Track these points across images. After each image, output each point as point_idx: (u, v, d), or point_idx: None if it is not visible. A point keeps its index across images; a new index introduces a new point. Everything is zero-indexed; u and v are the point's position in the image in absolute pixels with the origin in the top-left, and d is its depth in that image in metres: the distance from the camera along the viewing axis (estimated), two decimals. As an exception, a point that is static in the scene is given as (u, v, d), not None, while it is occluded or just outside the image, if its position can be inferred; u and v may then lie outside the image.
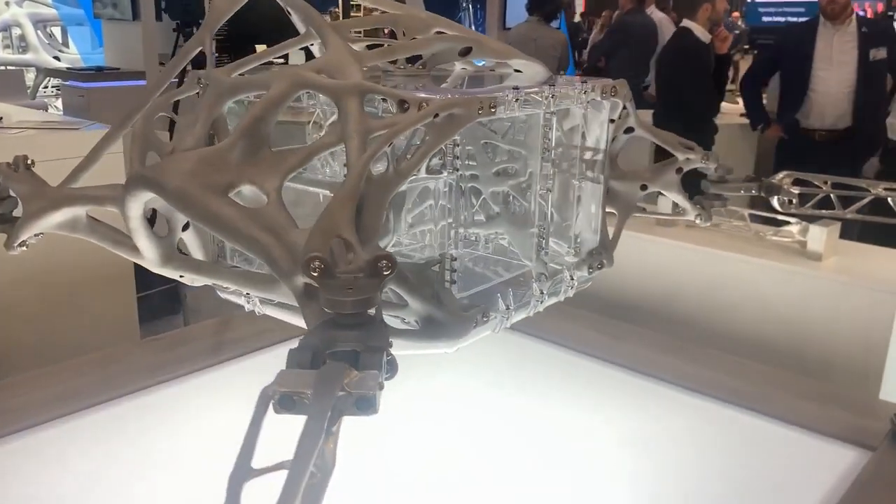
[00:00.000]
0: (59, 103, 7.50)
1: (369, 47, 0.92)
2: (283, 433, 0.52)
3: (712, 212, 1.11)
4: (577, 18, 9.52)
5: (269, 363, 1.49)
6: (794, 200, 1.11)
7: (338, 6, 8.37)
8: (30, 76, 7.98)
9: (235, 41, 5.50)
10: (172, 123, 0.93)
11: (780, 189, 1.10)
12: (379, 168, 0.76)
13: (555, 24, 5.10)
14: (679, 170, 1.08)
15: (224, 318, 1.60)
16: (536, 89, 0.86)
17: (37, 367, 1.42)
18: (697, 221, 1.11)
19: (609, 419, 1.29)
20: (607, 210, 1.04)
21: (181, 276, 0.95)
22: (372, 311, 0.59)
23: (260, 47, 5.59)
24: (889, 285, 1.59)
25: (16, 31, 8.62)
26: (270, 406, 0.49)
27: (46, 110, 6.05)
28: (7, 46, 8.88)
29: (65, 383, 1.33)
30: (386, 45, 0.90)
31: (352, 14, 7.86)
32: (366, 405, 0.49)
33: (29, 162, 0.96)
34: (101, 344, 2.77)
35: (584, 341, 1.53)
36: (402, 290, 0.75)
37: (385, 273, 0.59)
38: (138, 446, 1.20)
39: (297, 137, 1.09)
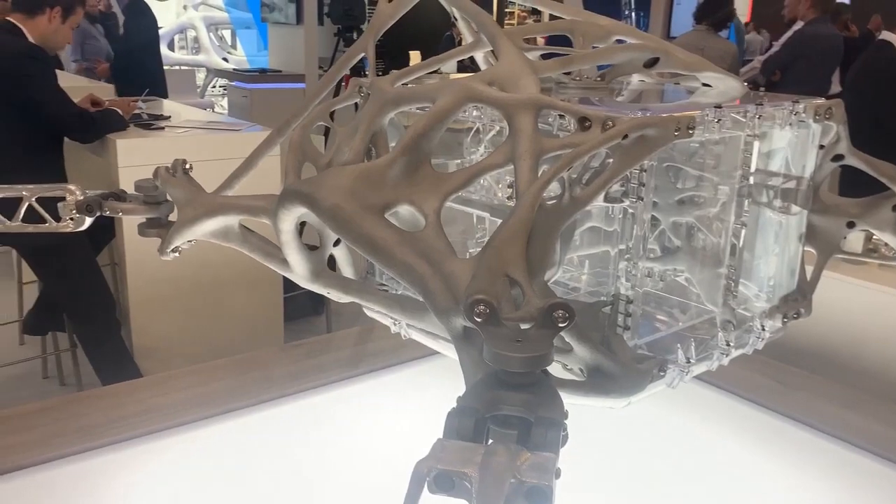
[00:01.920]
0: (224, 102, 7.97)
1: (544, 57, 0.83)
2: None
3: (937, 259, 0.94)
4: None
5: (407, 381, 1.46)
6: None
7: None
8: (200, 76, 8.54)
9: (390, 48, 5.60)
10: (328, 130, 0.88)
11: None
12: (550, 193, 0.66)
13: (723, 33, 4.80)
14: (897, 207, 0.91)
15: (366, 328, 1.57)
16: (741, 108, 0.74)
17: (186, 362, 1.45)
18: (916, 268, 0.94)
19: (774, 476, 1.14)
20: (805, 248, 0.90)
21: (328, 293, 0.90)
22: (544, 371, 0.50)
23: (414, 55, 5.66)
24: None
25: (191, 34, 9.27)
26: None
27: (213, 109, 6.43)
28: (182, 47, 9.56)
29: (207, 385, 1.34)
30: (564, 55, 0.81)
31: (506, 23, 7.83)
32: (539, 498, 0.40)
33: (187, 166, 0.94)
34: (247, 341, 2.87)
35: (751, 387, 1.36)
36: (569, 334, 0.66)
37: (560, 325, 0.50)
38: (269, 455, 1.18)
39: (454, 149, 1.02)
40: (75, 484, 1.08)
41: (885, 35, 3.60)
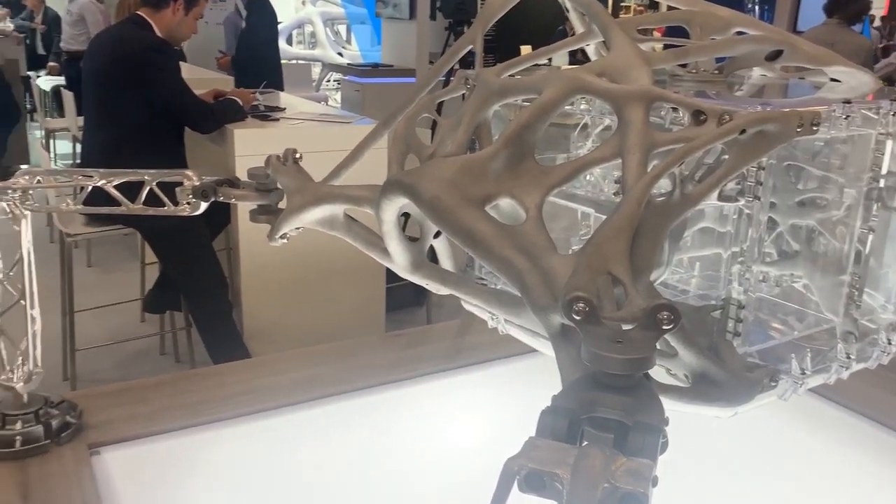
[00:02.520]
0: (338, 96, 8.18)
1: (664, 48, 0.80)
2: None
3: None
4: (876, 23, 8.44)
5: (504, 377, 1.45)
6: None
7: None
8: (315, 70, 8.79)
9: (501, 44, 5.58)
10: (435, 123, 0.88)
11: None
12: (659, 190, 0.64)
13: (857, 27, 4.51)
14: None
15: (465, 321, 1.57)
16: (873, 104, 0.68)
17: (291, 345, 1.49)
18: None
19: (876, 492, 1.05)
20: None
21: (427, 284, 0.90)
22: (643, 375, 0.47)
23: (525, 50, 5.62)
24: None
25: (308, 29, 9.56)
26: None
27: (326, 103, 6.61)
28: (300, 42, 9.88)
29: (310, 369, 1.38)
30: (678, 46, 0.77)
31: (621, 14, 7.66)
32: (634, 506, 0.38)
33: (297, 156, 0.96)
34: (349, 329, 2.94)
35: (864, 400, 1.27)
36: (674, 338, 0.63)
37: (665, 327, 0.47)
38: (365, 442, 1.20)
39: (560, 143, 1.00)
40: (182, 456, 1.13)
41: None
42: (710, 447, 1.15)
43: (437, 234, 0.89)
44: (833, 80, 0.85)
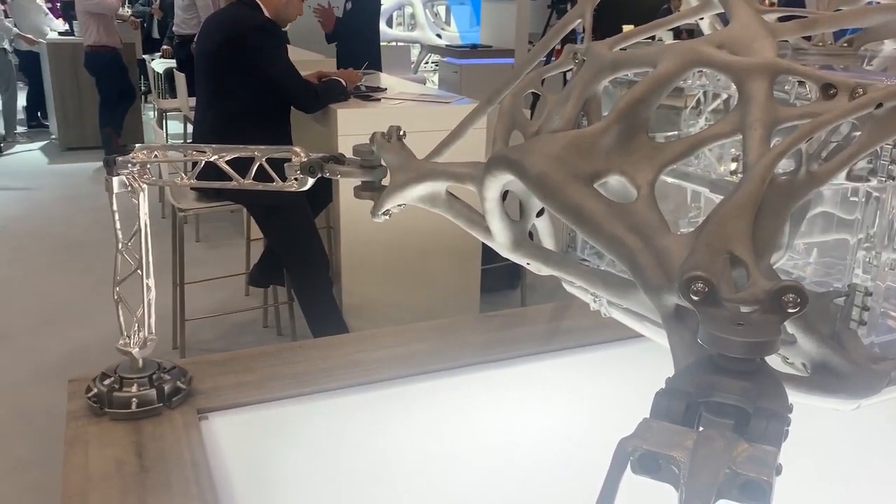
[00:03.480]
0: (435, 78, 8.20)
1: (783, 20, 0.75)
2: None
3: None
4: None
5: (601, 362, 1.42)
6: None
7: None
8: (414, 52, 8.83)
9: (603, 24, 5.44)
10: (535, 101, 0.87)
11: None
12: (783, 168, 0.60)
13: None
14: None
15: (561, 305, 1.55)
16: None
17: (388, 322, 1.51)
18: None
19: None
20: None
21: (528, 264, 0.89)
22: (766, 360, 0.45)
23: (626, 28, 5.43)
24: None
25: (408, 10, 9.61)
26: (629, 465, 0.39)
27: (424, 84, 6.64)
28: (399, 24, 9.94)
29: (407, 345, 1.39)
30: (805, 17, 0.73)
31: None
32: (756, 493, 0.36)
33: (402, 133, 0.97)
34: (444, 308, 2.96)
35: None
36: (793, 324, 0.60)
37: (790, 310, 0.45)
38: (457, 420, 1.21)
39: (672, 121, 0.97)
40: (284, 424, 1.17)
41: None
42: (825, 442, 1.09)
43: (539, 213, 0.88)
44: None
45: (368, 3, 5.43)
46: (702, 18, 0.89)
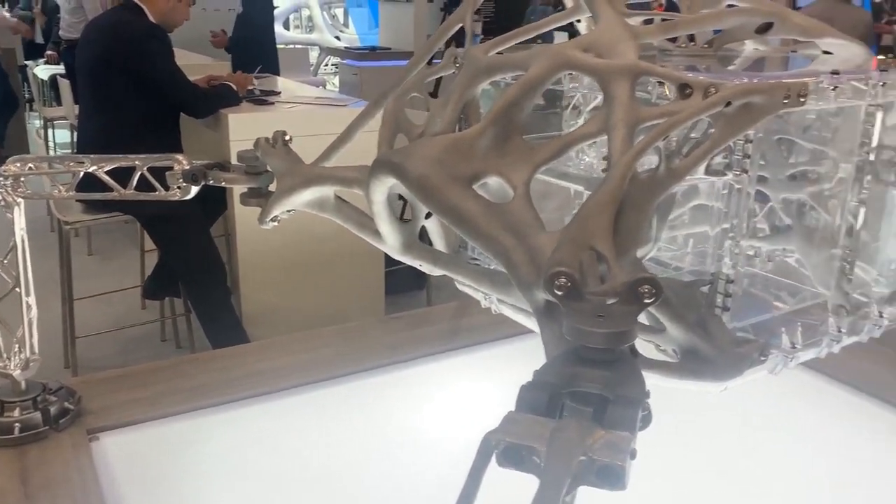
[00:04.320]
0: (336, 80, 8.14)
1: (647, 23, 0.79)
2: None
3: None
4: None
5: (503, 357, 1.45)
6: None
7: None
8: (313, 54, 8.74)
9: (503, 22, 5.54)
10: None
11: None
12: (647, 165, 0.63)
13: (856, 1, 4.46)
14: None
15: (463, 303, 1.57)
16: (861, 76, 0.67)
17: (291, 330, 1.50)
18: None
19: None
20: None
21: (419, 265, 0.90)
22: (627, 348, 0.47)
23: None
24: None
25: (305, 13, 9.49)
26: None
27: (324, 87, 6.58)
28: (297, 26, 9.81)
29: (310, 352, 1.38)
30: (667, 20, 0.76)
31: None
32: (611, 478, 0.38)
33: (287, 138, 0.96)
34: (349, 313, 2.94)
35: (868, 378, 1.27)
36: (661, 314, 0.63)
37: (646, 301, 0.47)
38: (365, 423, 1.21)
39: (553, 124, 1.00)
40: (182, 441, 1.14)
41: None
42: (701, 422, 1.15)
43: (428, 215, 0.89)
44: (826, 52, 0.84)
45: (261, 6, 5.34)
46: (579, 21, 0.92)
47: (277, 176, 0.93)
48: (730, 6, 0.83)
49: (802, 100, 0.61)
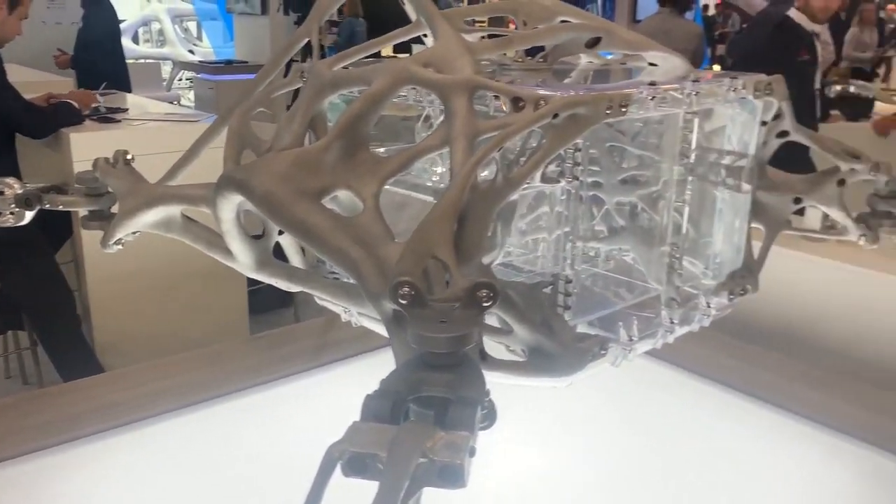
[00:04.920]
0: (191, 95, 7.87)
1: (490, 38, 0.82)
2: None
3: (880, 232, 0.94)
4: (711, 11, 9.05)
5: (372, 370, 1.45)
6: None
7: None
8: (166, 69, 8.41)
9: (371, 35, 5.55)
10: None
11: (971, 208, 0.92)
12: (488, 175, 0.66)
13: (689, 15, 4.81)
14: (841, 181, 0.92)
15: (330, 318, 1.56)
16: (676, 86, 0.73)
17: (150, 358, 1.43)
18: (860, 242, 0.95)
19: (740, 458, 1.15)
20: (753, 225, 0.90)
21: (275, 282, 0.89)
22: (471, 350, 0.49)
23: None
24: None
25: (155, 26, 9.12)
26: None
27: (179, 102, 6.35)
28: (147, 40, 9.41)
29: (170, 379, 1.33)
30: (503, 36, 0.80)
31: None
32: (451, 477, 0.39)
33: (129, 157, 0.93)
34: (212, 336, 2.85)
35: (714, 366, 1.38)
36: (508, 316, 0.66)
37: (485, 304, 0.49)
38: (236, 447, 1.18)
39: (405, 136, 1.02)
40: (33, 482, 1.07)
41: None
42: (558, 416, 1.21)
43: (282, 231, 0.88)
44: (651, 64, 0.90)
45: (103, 19, 5.09)
46: (426, 35, 0.95)
47: (119, 197, 0.89)
48: (563, 22, 0.88)
49: (624, 109, 0.66)
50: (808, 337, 1.67)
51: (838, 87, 4.07)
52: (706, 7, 8.45)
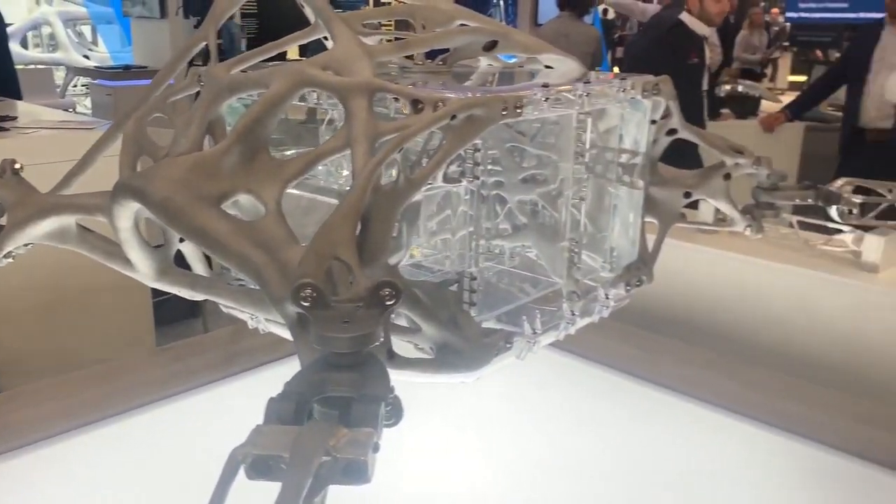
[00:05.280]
0: (88, 102, 7.54)
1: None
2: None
3: (764, 222, 1.00)
4: (611, 15, 9.33)
5: (284, 377, 1.43)
6: (855, 210, 0.99)
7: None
8: (59, 74, 8.04)
9: (265, 37, 5.45)
10: None
11: (839, 198, 0.99)
12: (390, 176, 0.67)
13: (588, 19, 4.95)
14: (727, 175, 0.97)
15: (238, 327, 1.53)
16: (569, 87, 0.76)
17: (46, 377, 1.37)
18: (747, 233, 1.01)
19: (644, 442, 1.20)
20: (647, 220, 0.94)
21: (178, 291, 0.87)
22: (374, 350, 0.50)
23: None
24: (952, 299, 1.47)
25: (46, 30, 8.70)
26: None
27: (74, 109, 6.08)
28: (37, 45, 8.96)
29: (73, 396, 1.28)
30: (401, 39, 0.81)
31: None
32: (356, 473, 0.40)
33: (17, 166, 0.89)
34: (114, 351, 2.74)
35: (617, 356, 1.43)
36: (415, 314, 0.67)
37: (388, 303, 0.50)
38: (143, 463, 1.14)
39: (308, 140, 1.01)
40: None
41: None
42: (466, 411, 1.23)
43: (182, 238, 0.86)
44: (548, 66, 0.93)
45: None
46: (326, 38, 0.95)
47: (7, 208, 0.85)
48: (460, 25, 0.90)
49: (519, 110, 0.68)
50: (705, 324, 1.76)
51: (728, 87, 4.31)
52: (606, 11, 8.72)
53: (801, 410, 1.24)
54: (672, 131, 0.95)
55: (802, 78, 7.83)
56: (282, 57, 0.93)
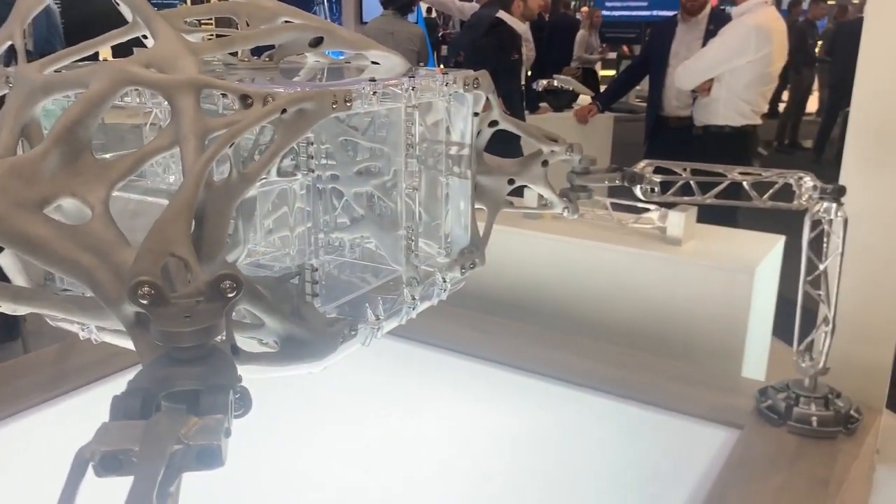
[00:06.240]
0: None
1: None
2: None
3: (578, 203, 1.09)
4: (433, 14, 9.52)
5: (120, 390, 1.37)
6: (656, 189, 1.11)
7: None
8: None
9: (73, 35, 5.08)
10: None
11: (642, 178, 1.09)
12: (223, 172, 0.67)
13: (411, 17, 5.04)
14: (545, 162, 1.05)
15: (66, 343, 1.44)
16: (395, 82, 0.79)
17: None
18: (564, 214, 1.09)
19: (486, 416, 1.27)
20: (477, 206, 1.00)
21: (-1, 306, 0.81)
22: (218, 342, 0.50)
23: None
24: (745, 265, 1.66)
25: None
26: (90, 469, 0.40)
27: None
28: None
29: None
30: (226, 36, 0.81)
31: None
32: (209, 458, 0.41)
33: None
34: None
35: (456, 339, 1.49)
36: (257, 309, 0.67)
37: (229, 295, 0.51)
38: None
39: (132, 141, 0.98)
40: None
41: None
42: (302, 396, 1.24)
43: (0, 249, 0.81)
44: (374, 62, 0.96)
45: None
46: (145, 37, 0.92)
47: None
48: (285, 22, 0.91)
49: (349, 104, 0.70)
50: (534, 301, 1.87)
51: (544, 82, 4.55)
52: (429, 10, 8.90)
53: (622, 374, 1.36)
54: (493, 123, 1.01)
55: (612, 72, 8.40)
56: (94, 57, 0.90)
